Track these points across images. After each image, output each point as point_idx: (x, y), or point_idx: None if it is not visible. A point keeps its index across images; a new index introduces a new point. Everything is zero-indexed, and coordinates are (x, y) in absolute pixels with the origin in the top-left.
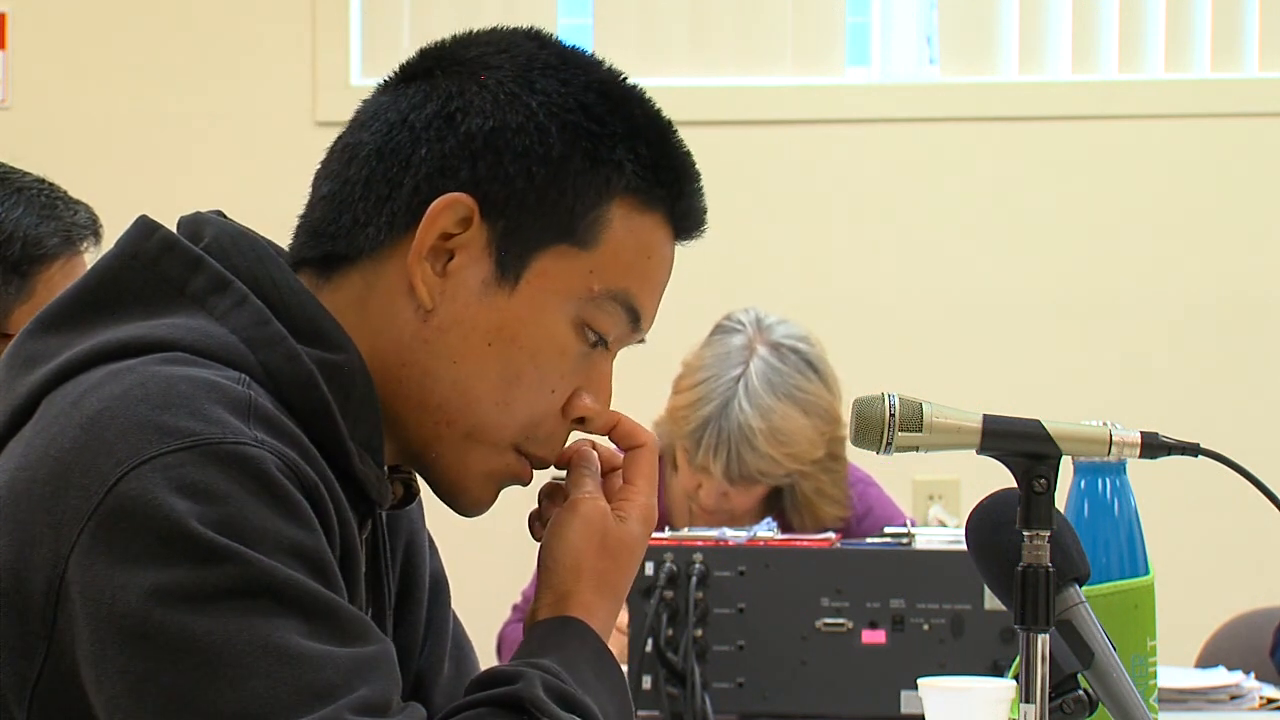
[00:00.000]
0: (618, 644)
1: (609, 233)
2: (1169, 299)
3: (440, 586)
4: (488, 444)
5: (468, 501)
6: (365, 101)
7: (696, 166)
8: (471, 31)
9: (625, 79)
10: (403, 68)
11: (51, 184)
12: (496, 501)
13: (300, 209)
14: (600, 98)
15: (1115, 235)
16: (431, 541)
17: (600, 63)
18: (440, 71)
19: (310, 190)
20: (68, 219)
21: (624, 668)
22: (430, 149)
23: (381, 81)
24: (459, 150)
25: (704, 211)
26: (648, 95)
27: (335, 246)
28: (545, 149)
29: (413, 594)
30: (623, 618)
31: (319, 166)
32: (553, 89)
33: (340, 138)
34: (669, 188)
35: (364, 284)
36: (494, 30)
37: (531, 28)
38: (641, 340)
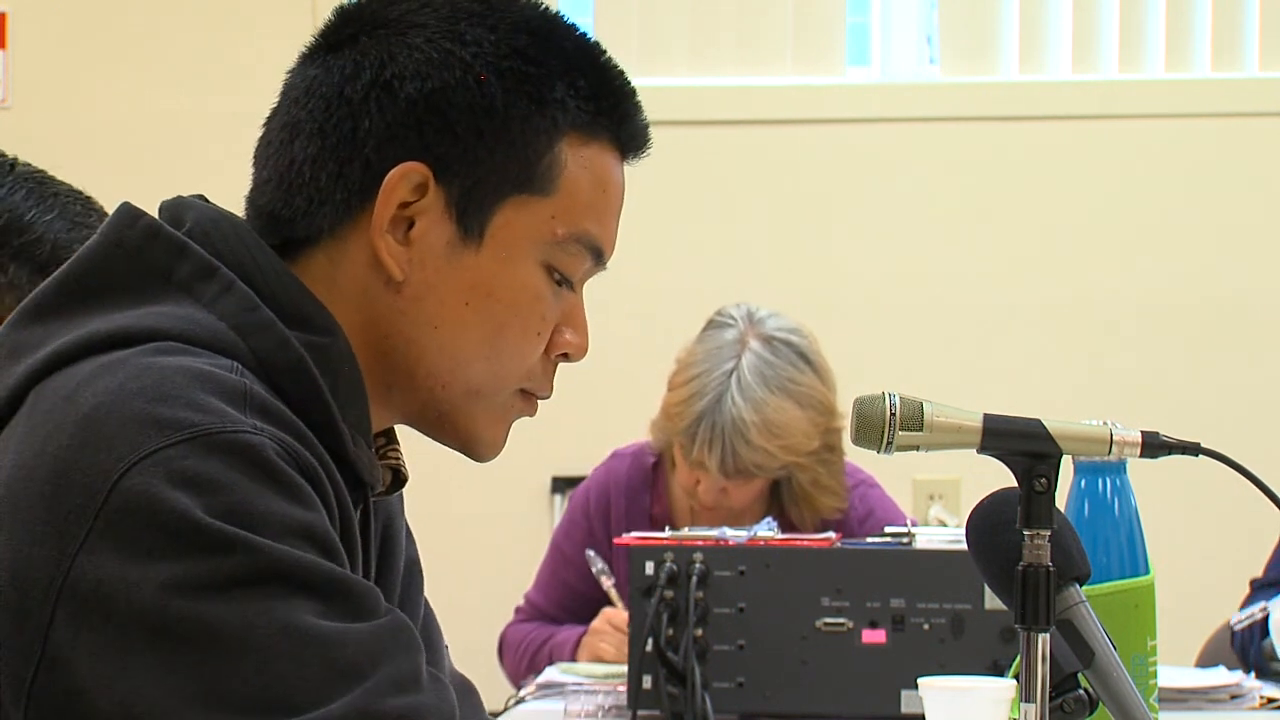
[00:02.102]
0: (619, 644)
1: (564, 175)
2: (1169, 298)
3: (414, 573)
4: (491, 395)
5: (482, 450)
6: (291, 74)
7: (631, 84)
8: None
9: (545, 9)
10: (324, 34)
11: (87, 196)
12: (500, 504)
13: None
14: (530, 37)
15: (1114, 235)
16: (409, 530)
17: None
18: (365, 36)
19: (253, 170)
20: (98, 229)
21: (624, 668)
22: (373, 120)
23: (304, 50)
24: (403, 118)
25: (647, 128)
26: (570, 22)
27: (294, 230)
28: (488, 101)
29: (386, 578)
30: (623, 617)
31: (257, 145)
32: (483, 38)
33: (275, 115)
34: (610, 114)
35: (329, 263)
36: None
37: None
38: (604, 269)
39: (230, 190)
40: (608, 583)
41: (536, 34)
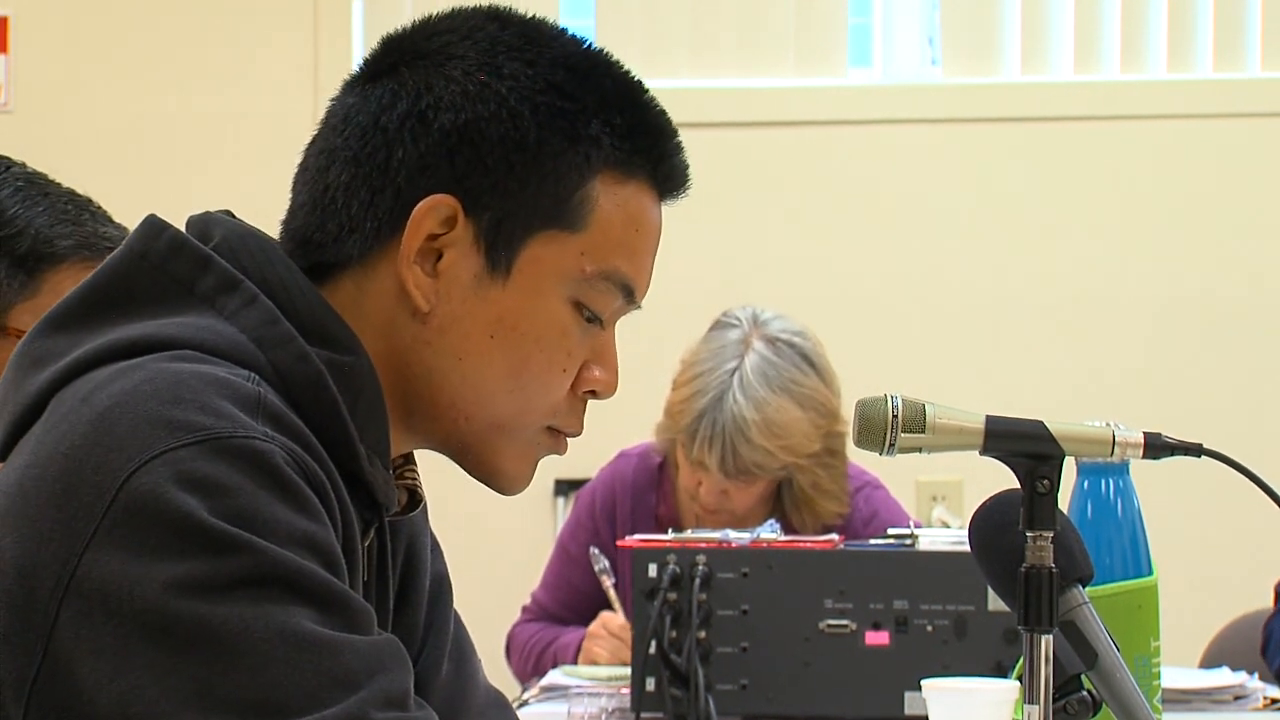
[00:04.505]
0: (613, 649)
1: (596, 212)
2: (1170, 299)
3: (442, 588)
4: (517, 431)
5: (505, 484)
6: (334, 101)
7: (673, 124)
8: (431, 17)
9: (589, 46)
10: (367, 63)
11: (89, 199)
12: (502, 505)
13: None
14: (569, 73)
15: (1117, 235)
16: (436, 543)
17: (563, 34)
18: (405, 66)
19: (290, 194)
20: (89, 227)
21: (628, 670)
22: (406, 151)
23: (348, 78)
24: (435, 149)
25: (687, 168)
26: (614, 60)
27: (324, 255)
28: (521, 135)
29: (410, 596)
30: (618, 621)
31: (296, 171)
32: (520, 72)
33: (314, 141)
34: (647, 153)
35: (357, 289)
36: (454, 13)
37: (491, 6)
38: (638, 307)
39: (232, 193)
40: (608, 582)
41: (575, 70)
